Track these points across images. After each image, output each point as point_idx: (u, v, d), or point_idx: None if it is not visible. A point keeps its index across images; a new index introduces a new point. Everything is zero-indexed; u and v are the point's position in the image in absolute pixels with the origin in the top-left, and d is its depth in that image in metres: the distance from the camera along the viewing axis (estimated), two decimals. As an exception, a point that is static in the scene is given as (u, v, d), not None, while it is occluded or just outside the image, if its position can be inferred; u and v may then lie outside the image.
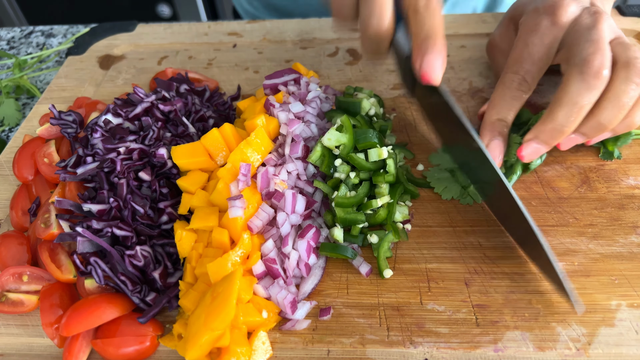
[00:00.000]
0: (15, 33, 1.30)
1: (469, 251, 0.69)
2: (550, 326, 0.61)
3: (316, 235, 0.69)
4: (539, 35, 0.72)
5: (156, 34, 1.14)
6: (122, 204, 0.69)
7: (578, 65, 0.66)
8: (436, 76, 0.66)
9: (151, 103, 0.81)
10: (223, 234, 0.65)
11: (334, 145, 0.72)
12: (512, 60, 0.74)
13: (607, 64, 0.65)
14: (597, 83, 0.65)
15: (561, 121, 0.67)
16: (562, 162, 0.79)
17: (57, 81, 1.04)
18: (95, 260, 0.65)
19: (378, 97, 0.85)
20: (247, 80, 1.00)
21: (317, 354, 0.61)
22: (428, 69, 0.65)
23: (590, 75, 0.64)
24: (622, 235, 0.69)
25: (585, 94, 0.65)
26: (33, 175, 0.81)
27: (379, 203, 0.70)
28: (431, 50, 0.65)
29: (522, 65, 0.72)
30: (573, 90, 0.65)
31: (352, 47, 1.06)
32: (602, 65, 0.64)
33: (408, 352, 0.60)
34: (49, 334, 0.63)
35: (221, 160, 0.74)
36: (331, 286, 0.67)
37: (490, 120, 0.73)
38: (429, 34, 0.65)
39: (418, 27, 0.66)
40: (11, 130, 1.03)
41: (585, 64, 0.65)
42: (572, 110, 0.66)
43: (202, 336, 0.55)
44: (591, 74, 0.64)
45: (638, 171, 0.77)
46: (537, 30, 0.73)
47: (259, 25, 1.14)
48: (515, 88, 0.72)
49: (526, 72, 0.72)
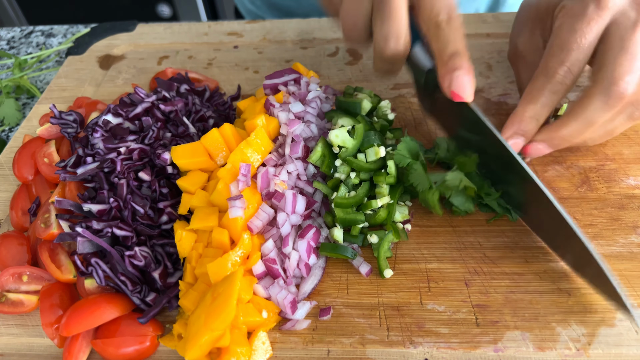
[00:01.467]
0: (15, 33, 1.30)
1: (469, 251, 0.69)
2: (550, 326, 0.61)
3: (316, 236, 0.69)
4: (587, 20, 0.66)
5: (156, 34, 1.14)
6: (122, 204, 0.69)
7: (605, 83, 0.63)
8: (468, 94, 0.65)
9: (152, 103, 0.81)
10: (223, 234, 0.65)
11: (338, 144, 0.72)
12: (555, 48, 0.67)
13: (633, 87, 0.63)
14: (619, 104, 0.64)
15: (572, 133, 0.67)
16: (562, 162, 0.79)
17: (57, 81, 1.04)
18: (96, 261, 0.65)
19: (378, 97, 0.85)
20: (247, 80, 1.00)
21: (317, 354, 0.61)
22: (459, 88, 0.64)
23: (615, 98, 0.63)
24: (622, 235, 0.69)
25: (602, 114, 0.64)
26: (33, 175, 0.81)
27: (379, 203, 0.70)
28: (460, 68, 0.63)
29: (569, 54, 0.66)
30: (592, 108, 0.64)
31: (352, 47, 1.06)
32: (628, 88, 0.62)
33: (408, 352, 0.60)
34: (49, 334, 0.63)
35: (221, 161, 0.74)
36: (331, 286, 0.67)
37: (521, 115, 0.68)
38: (455, 51, 0.64)
39: (442, 44, 0.65)
40: (11, 130, 1.03)
41: (613, 85, 0.62)
42: (584, 126, 0.66)
43: (202, 336, 0.55)
44: (616, 96, 0.63)
45: (638, 171, 0.77)
46: (584, 15, 0.66)
47: (259, 25, 1.14)
48: (559, 81, 0.66)
49: (573, 61, 0.66)
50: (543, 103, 0.67)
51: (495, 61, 0.99)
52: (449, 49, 0.64)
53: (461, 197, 0.72)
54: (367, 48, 0.75)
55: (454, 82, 0.64)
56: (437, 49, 0.66)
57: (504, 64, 0.98)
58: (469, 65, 0.64)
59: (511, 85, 0.93)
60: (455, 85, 0.64)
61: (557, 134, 0.68)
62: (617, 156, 0.79)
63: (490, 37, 1.04)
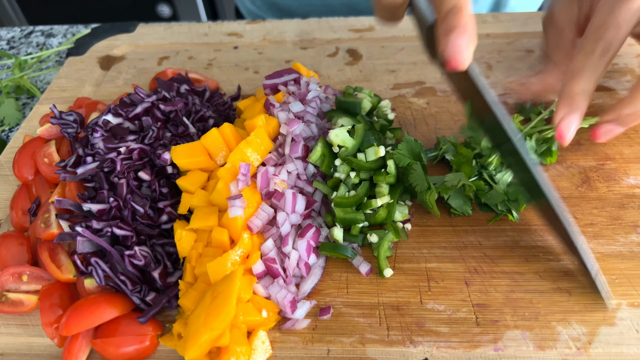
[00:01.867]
0: (15, 33, 1.30)
1: (469, 251, 0.69)
2: (550, 325, 0.61)
3: (316, 235, 0.69)
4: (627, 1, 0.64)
5: (156, 34, 1.14)
6: (122, 204, 0.69)
7: None
8: (463, 60, 0.56)
9: (152, 103, 0.81)
10: (223, 233, 0.65)
11: (338, 144, 0.72)
12: (595, 26, 0.67)
13: None
14: None
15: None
16: (562, 162, 0.79)
17: (57, 81, 1.04)
18: (96, 260, 0.65)
19: (378, 97, 0.85)
20: (247, 80, 1.00)
21: (317, 354, 0.61)
22: (454, 52, 0.56)
23: None
24: (623, 235, 0.69)
25: None
26: (33, 175, 0.81)
27: (378, 203, 0.70)
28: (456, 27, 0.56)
29: (607, 32, 0.65)
30: None
31: (352, 47, 1.06)
32: None
33: (408, 351, 0.60)
34: (49, 333, 0.63)
35: (221, 160, 0.74)
36: (331, 285, 0.67)
37: (570, 91, 0.66)
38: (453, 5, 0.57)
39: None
40: (11, 130, 1.03)
41: None
42: None
43: (202, 335, 0.55)
44: None
45: (638, 170, 0.77)
46: None
47: (258, 26, 1.14)
48: (598, 56, 0.65)
49: (611, 39, 0.65)
50: (589, 78, 0.66)
51: (496, 61, 0.99)
52: (447, 2, 0.57)
53: (459, 200, 0.72)
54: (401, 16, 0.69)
55: (450, 45, 0.56)
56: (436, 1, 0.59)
57: (504, 64, 0.98)
58: (466, 23, 0.56)
59: (511, 85, 0.93)
60: (450, 49, 0.56)
61: (626, 110, 0.67)
62: (618, 155, 0.79)
63: (490, 37, 1.05)
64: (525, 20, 1.07)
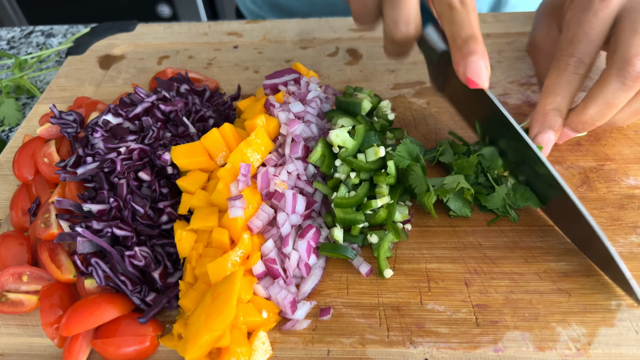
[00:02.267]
0: (15, 33, 1.30)
1: (469, 251, 0.69)
2: (550, 326, 0.61)
3: (316, 236, 0.69)
4: (593, 12, 0.68)
5: (156, 34, 1.14)
6: (122, 204, 0.69)
7: (619, 64, 0.64)
8: (483, 80, 0.64)
9: (152, 103, 0.81)
10: (223, 234, 0.65)
11: (338, 144, 0.72)
12: (565, 42, 0.69)
13: None
14: (636, 84, 0.64)
15: (594, 116, 0.67)
16: (562, 162, 0.79)
17: (57, 81, 1.04)
18: (96, 260, 0.65)
19: (378, 97, 0.85)
20: (247, 80, 1.00)
21: (317, 354, 0.61)
22: (474, 74, 0.63)
23: (630, 78, 0.64)
24: (622, 235, 0.69)
25: (622, 95, 0.65)
26: (33, 175, 0.81)
27: (378, 203, 0.70)
28: (474, 53, 0.62)
29: (578, 46, 0.68)
30: (610, 90, 0.65)
31: (352, 47, 1.06)
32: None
33: (408, 352, 0.60)
34: (49, 334, 0.63)
35: (221, 161, 0.74)
36: (331, 286, 0.67)
37: (543, 110, 0.69)
38: (469, 34, 0.63)
39: (456, 27, 0.63)
40: (11, 130, 1.03)
41: (627, 65, 0.63)
42: (605, 108, 0.66)
43: (202, 336, 0.55)
44: (631, 77, 0.63)
45: (638, 171, 0.77)
46: (590, 7, 0.68)
47: (258, 25, 1.14)
48: (571, 72, 0.68)
49: (582, 53, 0.68)
50: (562, 95, 0.69)
51: (496, 61, 0.99)
52: (463, 32, 0.63)
53: (458, 202, 0.72)
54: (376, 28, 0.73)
55: (469, 67, 0.63)
56: (451, 32, 0.64)
57: (504, 64, 0.98)
58: (483, 50, 0.63)
59: (511, 85, 0.93)
60: (470, 71, 0.63)
61: (579, 118, 0.68)
62: (617, 156, 0.79)
63: (490, 37, 1.05)
64: (525, 20, 1.07)
